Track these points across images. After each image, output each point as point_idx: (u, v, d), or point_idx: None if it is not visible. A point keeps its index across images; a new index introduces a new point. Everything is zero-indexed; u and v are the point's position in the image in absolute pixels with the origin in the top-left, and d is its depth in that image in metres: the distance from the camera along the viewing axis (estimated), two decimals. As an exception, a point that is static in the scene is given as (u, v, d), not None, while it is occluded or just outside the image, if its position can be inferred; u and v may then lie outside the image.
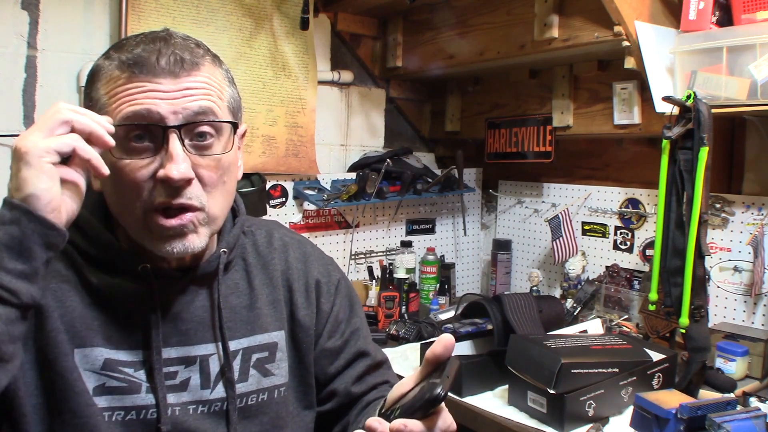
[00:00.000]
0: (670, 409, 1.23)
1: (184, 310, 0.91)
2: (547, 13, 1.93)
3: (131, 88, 0.81)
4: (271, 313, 1.00)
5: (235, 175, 0.91)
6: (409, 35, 2.49)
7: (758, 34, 1.49)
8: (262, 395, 0.96)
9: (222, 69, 0.90)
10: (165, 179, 0.80)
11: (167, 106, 0.80)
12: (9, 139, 1.83)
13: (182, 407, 0.88)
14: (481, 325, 1.94)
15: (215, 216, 0.87)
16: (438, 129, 2.79)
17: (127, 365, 0.86)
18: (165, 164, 0.80)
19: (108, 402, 0.84)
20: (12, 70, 1.82)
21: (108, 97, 0.82)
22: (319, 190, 2.33)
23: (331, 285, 1.08)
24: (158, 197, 0.81)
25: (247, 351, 0.95)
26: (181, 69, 0.82)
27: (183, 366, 0.89)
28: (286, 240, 1.08)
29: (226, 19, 2.12)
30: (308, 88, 2.32)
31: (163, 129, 0.80)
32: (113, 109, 0.81)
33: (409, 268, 2.40)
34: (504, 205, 2.67)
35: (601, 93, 2.12)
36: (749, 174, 1.92)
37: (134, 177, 0.81)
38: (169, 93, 0.81)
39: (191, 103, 0.82)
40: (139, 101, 0.80)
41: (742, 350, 1.66)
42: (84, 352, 0.84)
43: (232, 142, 0.87)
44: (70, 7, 1.90)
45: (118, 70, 0.82)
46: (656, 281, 1.57)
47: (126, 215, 0.85)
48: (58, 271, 0.86)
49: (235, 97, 0.91)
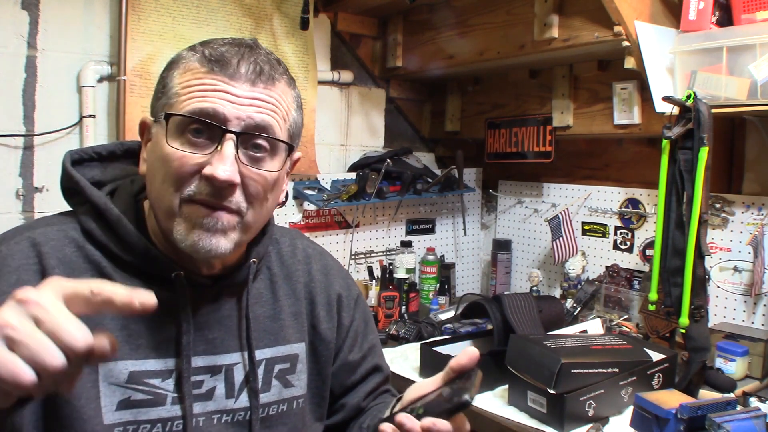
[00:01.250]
0: (670, 409, 1.23)
1: (212, 319, 0.90)
2: (547, 13, 1.93)
3: (206, 84, 0.81)
4: (293, 325, 1.00)
5: (278, 196, 0.91)
6: (409, 35, 2.49)
7: (758, 34, 1.49)
8: (282, 406, 0.96)
9: (294, 92, 0.91)
10: (210, 177, 0.79)
11: (234, 110, 0.80)
12: (9, 139, 1.83)
13: (207, 417, 0.88)
14: (481, 325, 1.94)
15: (250, 226, 0.86)
16: (438, 129, 2.79)
17: (154, 375, 0.84)
18: (213, 163, 0.79)
19: (134, 416, 0.83)
20: (12, 70, 1.82)
21: (182, 87, 0.82)
22: (319, 190, 2.33)
23: (351, 299, 1.09)
24: (200, 193, 0.81)
25: (270, 361, 0.95)
26: (257, 79, 0.82)
27: (209, 375, 0.89)
28: (309, 251, 1.08)
29: (226, 19, 2.12)
30: (308, 88, 2.32)
31: (223, 131, 0.80)
32: (183, 99, 0.81)
33: (409, 268, 2.40)
34: (504, 205, 2.67)
35: (601, 93, 2.12)
36: (749, 174, 1.92)
37: (181, 167, 0.80)
38: (240, 98, 0.81)
39: (257, 114, 0.82)
40: (210, 99, 0.80)
41: (742, 350, 1.66)
42: (108, 366, 0.82)
43: (284, 163, 0.88)
44: (70, 7, 1.90)
45: (198, 63, 0.82)
46: (656, 281, 1.57)
47: (162, 202, 0.83)
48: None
49: (299, 122, 0.92)
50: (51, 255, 0.83)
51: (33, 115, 1.86)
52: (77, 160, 0.93)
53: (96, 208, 0.87)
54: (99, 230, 0.86)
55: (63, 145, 1.89)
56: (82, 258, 0.84)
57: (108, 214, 0.86)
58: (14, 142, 1.84)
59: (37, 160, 1.87)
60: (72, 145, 1.92)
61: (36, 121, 1.87)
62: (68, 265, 0.83)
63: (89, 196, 0.87)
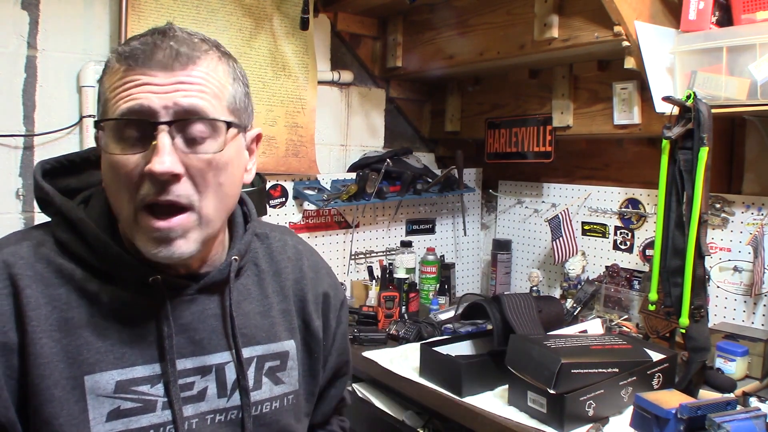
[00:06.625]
0: (670, 409, 1.23)
1: (197, 320, 0.89)
2: (547, 13, 1.93)
3: (127, 82, 0.79)
4: (282, 322, 0.99)
5: (234, 177, 0.87)
6: (409, 35, 2.49)
7: (758, 34, 1.49)
8: (275, 403, 0.96)
9: (227, 66, 0.86)
10: (149, 173, 0.77)
11: (159, 101, 0.78)
12: (9, 139, 1.83)
13: (200, 418, 0.87)
14: (481, 325, 1.94)
15: (209, 218, 0.83)
16: (438, 129, 2.79)
17: (142, 382, 0.84)
18: (151, 158, 0.77)
19: (125, 425, 0.82)
20: (12, 70, 1.82)
21: (109, 92, 0.81)
22: (319, 190, 2.33)
23: (337, 301, 1.09)
24: (146, 194, 0.79)
25: (261, 359, 0.95)
26: (175, 62, 0.79)
27: (199, 376, 0.88)
28: (299, 248, 1.07)
29: (226, 19, 2.12)
30: (308, 88, 2.32)
31: (153, 124, 0.78)
32: (113, 104, 0.79)
33: (409, 268, 2.40)
34: (504, 205, 2.67)
35: (601, 93, 2.12)
36: (749, 174, 1.92)
37: (126, 172, 0.79)
38: (162, 87, 0.78)
39: (183, 99, 0.79)
40: (134, 96, 0.78)
41: (742, 350, 1.66)
42: (94, 378, 0.81)
43: (228, 141, 0.83)
44: (70, 7, 1.90)
45: (117, 62, 0.81)
46: (656, 281, 1.57)
47: (121, 212, 0.82)
48: (59, 299, 0.82)
49: (240, 96, 0.87)
50: (22, 275, 0.81)
51: (33, 115, 1.86)
52: (50, 169, 0.92)
53: (67, 218, 0.86)
54: (73, 241, 0.85)
55: (63, 145, 1.89)
56: (54, 273, 0.83)
57: (78, 223, 0.85)
58: (14, 142, 1.84)
59: (37, 160, 1.86)
60: (72, 145, 1.92)
61: (36, 121, 1.87)
62: (41, 282, 0.82)
63: (59, 206, 0.87)
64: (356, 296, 2.42)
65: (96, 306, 0.83)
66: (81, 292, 0.83)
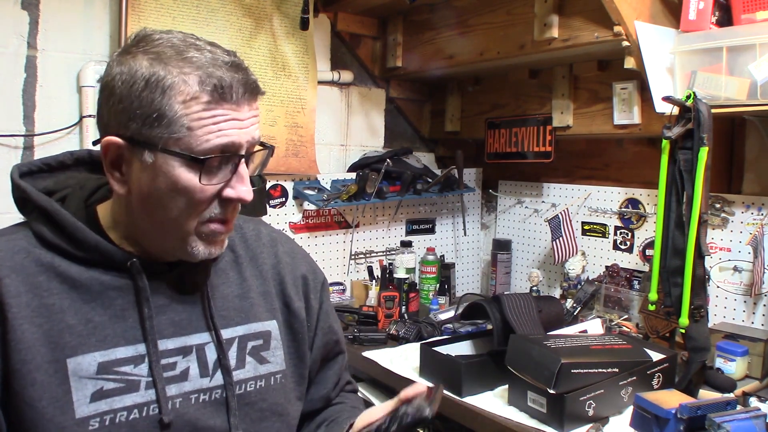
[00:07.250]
0: (670, 409, 1.23)
1: (175, 301, 0.92)
2: (547, 13, 1.93)
3: (218, 116, 0.82)
4: (262, 304, 1.02)
5: None
6: (409, 35, 2.49)
7: (758, 34, 1.49)
8: (260, 382, 0.97)
9: None
10: (237, 199, 0.87)
11: (244, 136, 0.85)
12: (9, 139, 1.83)
13: (184, 397, 0.89)
14: (481, 325, 1.94)
15: None
16: (438, 129, 2.79)
17: (125, 363, 0.86)
18: (235, 186, 0.86)
19: (109, 405, 0.83)
20: (12, 70, 1.83)
21: (191, 120, 0.81)
22: (319, 190, 2.33)
23: (317, 282, 1.12)
24: (219, 212, 0.87)
25: (243, 339, 0.97)
26: (252, 96, 0.86)
27: (181, 356, 0.90)
28: (274, 236, 1.11)
29: (226, 19, 2.12)
30: (308, 88, 2.32)
31: (239, 156, 0.85)
32: (201, 135, 0.82)
33: (409, 268, 2.40)
34: (504, 205, 2.67)
35: (601, 93, 2.12)
36: (749, 174, 1.92)
37: (206, 197, 0.85)
38: (245, 122, 0.85)
39: (256, 132, 0.87)
40: (225, 132, 0.83)
41: (742, 350, 1.66)
42: (76, 360, 0.83)
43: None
44: (70, 7, 1.90)
45: (200, 90, 0.81)
46: (656, 281, 1.57)
47: (178, 228, 0.86)
48: (39, 286, 0.84)
49: None
50: (1, 266, 0.83)
51: (33, 115, 1.86)
52: (26, 172, 0.95)
53: (44, 212, 0.88)
54: (50, 232, 0.87)
55: (63, 145, 1.89)
56: (34, 263, 0.85)
57: (55, 214, 0.87)
58: (14, 142, 1.84)
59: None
60: (72, 145, 1.92)
61: (36, 121, 1.87)
62: (21, 272, 0.84)
63: (36, 201, 0.89)
64: (356, 296, 2.42)
65: (76, 291, 0.86)
66: (61, 279, 0.86)
